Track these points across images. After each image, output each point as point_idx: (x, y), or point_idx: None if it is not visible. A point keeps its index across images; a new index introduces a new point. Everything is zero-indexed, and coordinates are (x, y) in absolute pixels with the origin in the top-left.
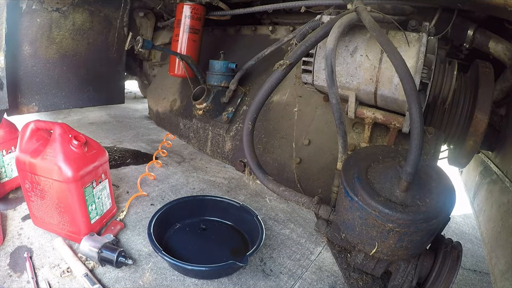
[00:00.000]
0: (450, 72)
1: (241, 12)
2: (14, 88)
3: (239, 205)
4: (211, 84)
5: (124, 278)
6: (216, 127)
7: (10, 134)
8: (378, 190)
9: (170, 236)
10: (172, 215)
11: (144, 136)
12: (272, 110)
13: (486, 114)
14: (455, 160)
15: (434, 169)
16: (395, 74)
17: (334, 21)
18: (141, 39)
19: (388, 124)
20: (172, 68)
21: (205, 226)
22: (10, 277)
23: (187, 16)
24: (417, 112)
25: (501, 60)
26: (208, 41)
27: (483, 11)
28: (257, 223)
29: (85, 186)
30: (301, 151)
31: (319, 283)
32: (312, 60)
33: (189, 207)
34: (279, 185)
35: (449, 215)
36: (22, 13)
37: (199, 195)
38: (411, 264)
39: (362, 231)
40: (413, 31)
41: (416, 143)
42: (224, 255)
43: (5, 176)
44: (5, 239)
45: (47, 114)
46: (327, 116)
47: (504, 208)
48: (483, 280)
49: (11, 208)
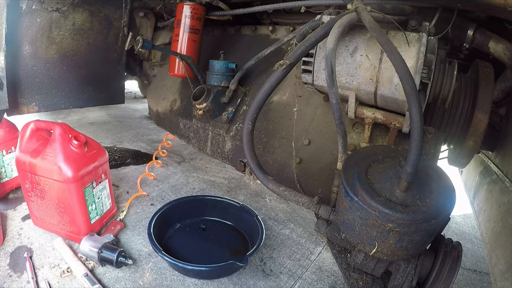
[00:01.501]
0: (450, 72)
1: (241, 12)
2: (14, 88)
3: (239, 205)
4: (211, 84)
5: (124, 278)
6: (216, 127)
7: (10, 134)
8: (378, 190)
9: (170, 236)
10: (172, 215)
11: (144, 136)
12: (272, 110)
13: (486, 114)
14: (455, 160)
15: (434, 169)
16: (395, 74)
17: (334, 21)
18: (141, 39)
19: (388, 123)
20: (172, 68)
21: (205, 226)
22: (10, 277)
23: (187, 16)
24: (417, 112)
25: (501, 59)
26: (208, 41)
27: (483, 11)
28: (257, 223)
29: (85, 186)
30: (301, 151)
31: (319, 283)
32: (312, 60)
33: (189, 207)
34: (279, 185)
35: (449, 215)
36: (22, 13)
37: (199, 195)
38: (411, 264)
39: (362, 231)
40: (413, 31)
41: (416, 143)
42: (224, 255)
43: (5, 176)
44: (5, 239)
45: (47, 114)
46: (327, 116)
47: (504, 208)
48: (483, 280)
49: (11, 208)
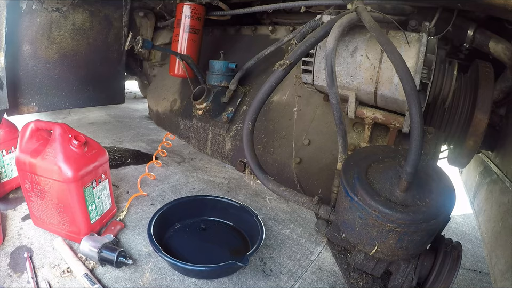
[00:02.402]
0: (450, 72)
1: (241, 12)
2: (14, 88)
3: (239, 205)
4: (211, 84)
5: (123, 278)
6: (216, 127)
7: (10, 134)
8: (378, 190)
9: (170, 236)
10: (172, 215)
11: (144, 136)
12: (272, 110)
13: (486, 114)
14: (455, 160)
15: (434, 169)
16: (395, 74)
17: (334, 21)
18: (141, 39)
19: (388, 123)
20: (172, 68)
21: (205, 226)
22: (10, 277)
23: (187, 16)
24: (417, 112)
25: (501, 59)
26: (208, 41)
27: (483, 11)
28: (257, 223)
29: (85, 186)
30: (301, 151)
31: (319, 283)
32: (312, 59)
33: (189, 207)
34: (279, 185)
35: (449, 215)
36: (22, 13)
37: (199, 195)
38: (411, 264)
39: (362, 231)
40: (413, 31)
41: (416, 143)
42: (224, 255)
43: (5, 176)
44: (5, 239)
45: (47, 114)
46: (327, 116)
47: (504, 208)
48: (483, 280)
49: (11, 208)
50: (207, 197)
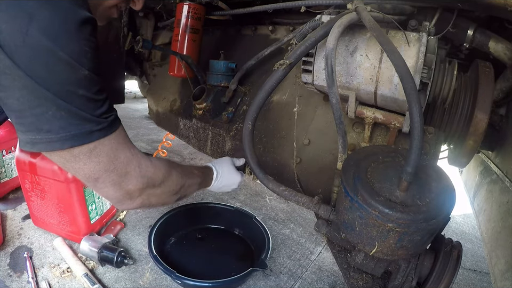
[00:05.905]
0: (450, 72)
1: (241, 11)
2: None
3: (233, 208)
4: (211, 83)
5: (123, 278)
6: (216, 127)
7: (10, 134)
8: (378, 189)
9: (169, 251)
10: (171, 224)
11: (144, 136)
12: (272, 110)
13: (486, 114)
14: (455, 160)
15: (434, 169)
16: (395, 74)
17: (334, 20)
18: (141, 39)
19: (388, 123)
20: (172, 68)
21: (201, 235)
22: (10, 277)
23: (187, 16)
24: (417, 112)
25: (501, 59)
26: (208, 41)
27: (483, 11)
28: (258, 225)
29: (85, 186)
30: (301, 151)
31: (319, 283)
32: (312, 59)
33: (186, 217)
34: (279, 185)
35: (449, 215)
36: None
37: (190, 203)
38: (411, 264)
39: (362, 230)
40: (413, 31)
41: (416, 143)
42: (229, 262)
43: (5, 176)
44: (5, 239)
45: None
46: (327, 116)
47: (504, 208)
48: (483, 280)
49: (11, 208)
50: (199, 204)
